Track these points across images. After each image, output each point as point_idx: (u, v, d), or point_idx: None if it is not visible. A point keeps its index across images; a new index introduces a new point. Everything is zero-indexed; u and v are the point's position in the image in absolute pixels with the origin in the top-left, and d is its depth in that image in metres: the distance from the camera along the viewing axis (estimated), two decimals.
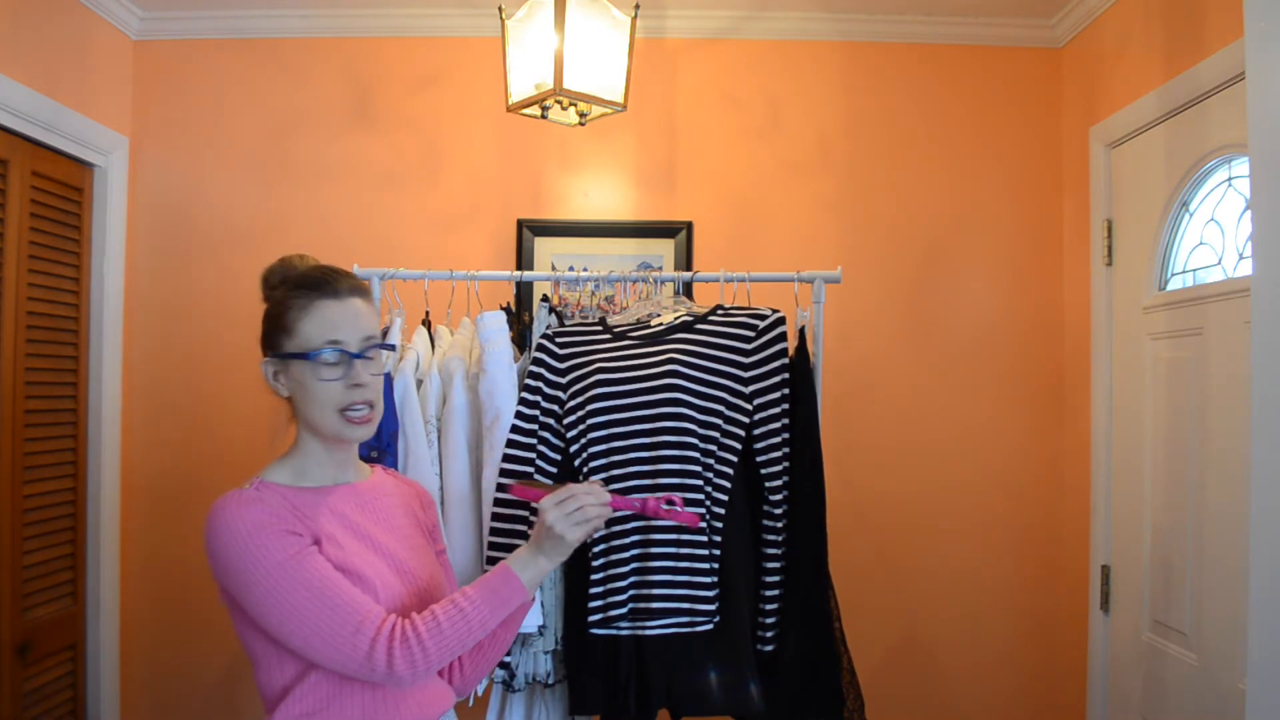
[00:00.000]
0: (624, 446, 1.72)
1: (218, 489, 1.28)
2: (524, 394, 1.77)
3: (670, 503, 1.34)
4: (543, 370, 1.79)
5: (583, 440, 1.74)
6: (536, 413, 1.78)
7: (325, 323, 1.31)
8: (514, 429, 1.76)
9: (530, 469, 1.76)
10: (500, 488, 1.76)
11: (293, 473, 1.34)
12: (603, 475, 1.72)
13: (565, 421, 1.76)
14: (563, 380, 1.79)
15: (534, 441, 1.77)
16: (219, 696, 2.61)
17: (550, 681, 1.78)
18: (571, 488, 1.28)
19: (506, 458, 1.75)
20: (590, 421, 1.73)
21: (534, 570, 1.28)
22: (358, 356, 1.31)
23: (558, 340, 1.82)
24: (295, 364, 1.31)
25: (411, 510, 1.46)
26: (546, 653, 1.76)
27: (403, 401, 1.74)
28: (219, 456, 2.59)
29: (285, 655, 1.26)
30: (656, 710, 1.74)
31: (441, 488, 1.77)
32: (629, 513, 1.45)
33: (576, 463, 1.76)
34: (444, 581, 1.42)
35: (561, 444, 1.78)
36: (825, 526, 1.75)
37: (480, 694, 1.79)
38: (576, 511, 1.27)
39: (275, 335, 1.33)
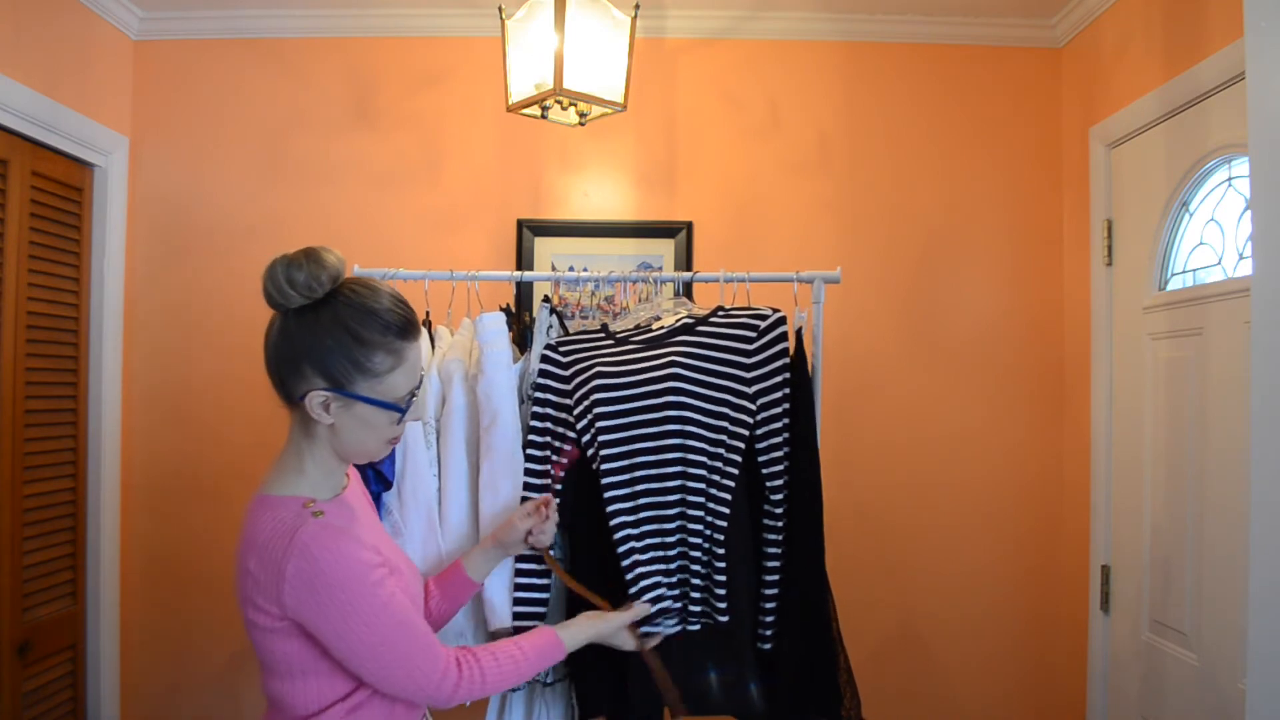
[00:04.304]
0: (630, 451, 1.72)
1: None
2: (535, 407, 1.78)
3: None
4: (549, 381, 1.79)
5: (594, 445, 1.75)
6: (548, 424, 1.78)
7: (412, 370, 1.25)
8: (529, 444, 1.76)
9: (547, 479, 1.77)
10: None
11: (321, 486, 1.26)
12: (612, 479, 1.72)
13: (577, 428, 1.76)
14: (568, 387, 1.79)
15: (547, 454, 1.77)
16: (219, 696, 2.61)
17: (549, 681, 1.78)
18: (641, 610, 1.61)
19: (528, 471, 1.75)
20: (598, 425, 1.73)
21: (577, 643, 1.49)
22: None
23: (561, 350, 1.81)
24: (368, 407, 1.22)
25: (367, 493, 1.48)
26: None
27: None
28: (219, 456, 2.58)
29: (340, 672, 1.23)
30: (657, 710, 1.74)
31: (440, 489, 1.77)
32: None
33: (591, 467, 1.77)
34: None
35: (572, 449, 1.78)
36: (822, 526, 1.75)
37: None
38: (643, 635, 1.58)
39: (349, 373, 1.20)
